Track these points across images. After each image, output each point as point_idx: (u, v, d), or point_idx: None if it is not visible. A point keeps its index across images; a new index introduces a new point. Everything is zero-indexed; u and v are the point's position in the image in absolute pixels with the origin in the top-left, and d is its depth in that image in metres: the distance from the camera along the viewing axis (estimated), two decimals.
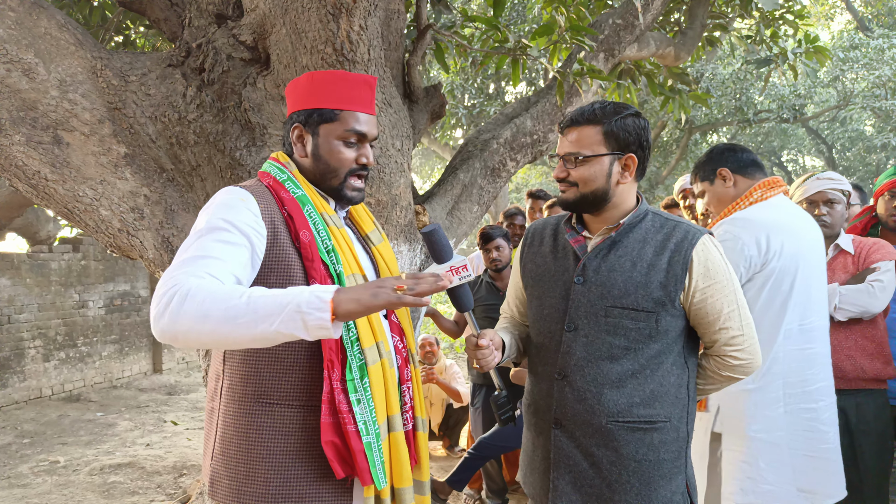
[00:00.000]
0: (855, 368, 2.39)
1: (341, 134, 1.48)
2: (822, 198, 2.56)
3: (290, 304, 1.15)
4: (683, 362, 1.63)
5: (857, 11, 15.52)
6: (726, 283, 1.58)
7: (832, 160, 17.81)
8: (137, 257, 2.81)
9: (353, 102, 1.49)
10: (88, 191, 2.64)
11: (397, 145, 2.81)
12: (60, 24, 2.64)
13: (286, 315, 1.15)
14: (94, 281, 7.52)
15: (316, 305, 1.15)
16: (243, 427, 1.40)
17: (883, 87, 12.09)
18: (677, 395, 1.61)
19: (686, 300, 1.58)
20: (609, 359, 1.57)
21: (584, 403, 1.58)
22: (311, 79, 1.50)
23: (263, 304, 1.16)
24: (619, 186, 1.62)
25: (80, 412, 6.42)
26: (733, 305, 1.59)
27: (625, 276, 1.57)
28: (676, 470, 1.61)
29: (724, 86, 12.46)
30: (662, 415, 1.58)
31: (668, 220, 1.64)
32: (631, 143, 1.60)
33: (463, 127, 11.58)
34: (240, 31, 2.67)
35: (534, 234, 1.82)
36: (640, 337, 1.56)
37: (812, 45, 4.76)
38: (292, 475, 1.39)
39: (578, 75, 3.35)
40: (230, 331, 1.17)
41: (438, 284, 1.22)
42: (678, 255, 1.56)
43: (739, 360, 1.62)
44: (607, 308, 1.57)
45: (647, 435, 1.57)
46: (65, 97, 2.59)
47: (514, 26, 8.81)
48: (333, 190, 1.52)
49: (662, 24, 5.07)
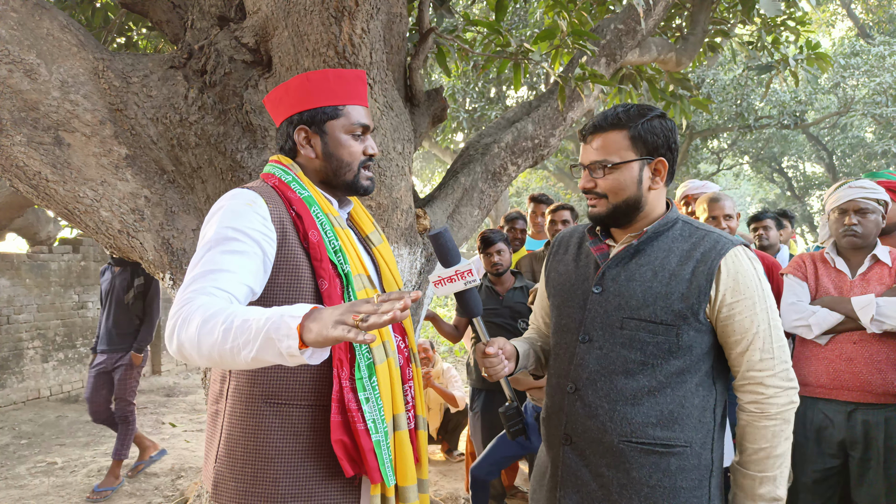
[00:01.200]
0: (884, 382, 2.33)
1: (348, 128, 1.51)
2: (854, 206, 2.48)
3: (262, 331, 1.10)
4: (711, 383, 1.50)
5: (858, 18, 15.55)
6: (757, 301, 1.44)
7: (833, 167, 17.81)
8: (138, 258, 2.80)
9: (351, 97, 1.52)
10: (89, 192, 2.64)
11: (398, 148, 2.81)
12: (62, 26, 2.64)
13: (261, 343, 1.10)
14: (93, 282, 7.51)
15: (284, 332, 1.09)
16: (251, 428, 1.40)
17: (884, 94, 12.10)
18: (701, 418, 1.47)
19: (712, 314, 1.46)
20: (624, 374, 1.47)
21: (595, 420, 1.49)
22: (307, 79, 1.51)
23: (243, 330, 1.12)
24: (651, 192, 1.52)
25: (78, 413, 6.40)
26: (763, 325, 1.44)
27: (644, 286, 1.48)
28: (695, 501, 1.47)
29: (725, 91, 12.48)
30: (682, 439, 1.45)
31: (698, 228, 1.53)
32: (660, 146, 1.50)
33: (464, 131, 11.59)
34: (242, 34, 2.67)
35: (560, 243, 1.74)
36: (659, 352, 1.45)
37: (813, 51, 4.77)
38: (302, 474, 1.39)
39: (580, 80, 3.35)
40: (221, 359, 1.15)
41: (391, 314, 1.07)
42: (703, 266, 1.45)
43: (771, 387, 1.43)
44: (623, 319, 1.48)
45: (663, 459, 1.45)
46: (66, 98, 2.59)
47: (516, 30, 8.82)
48: (348, 184, 1.53)
49: (664, 30, 5.08)
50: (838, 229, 2.53)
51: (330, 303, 1.39)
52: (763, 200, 23.66)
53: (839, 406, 2.41)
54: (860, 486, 2.37)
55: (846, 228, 2.48)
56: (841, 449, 2.43)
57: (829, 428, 2.43)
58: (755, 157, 19.01)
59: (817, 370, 2.46)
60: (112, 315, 4.40)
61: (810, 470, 2.47)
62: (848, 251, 2.54)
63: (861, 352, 2.36)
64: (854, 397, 2.37)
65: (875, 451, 2.33)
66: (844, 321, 2.39)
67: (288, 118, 1.53)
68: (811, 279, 2.57)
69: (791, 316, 2.52)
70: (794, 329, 2.52)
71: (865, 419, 2.35)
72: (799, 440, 2.53)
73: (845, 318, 2.39)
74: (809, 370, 2.50)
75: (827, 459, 2.45)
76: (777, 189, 22.35)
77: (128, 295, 4.40)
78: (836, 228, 2.54)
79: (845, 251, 2.55)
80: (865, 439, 2.35)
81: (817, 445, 2.47)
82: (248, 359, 1.12)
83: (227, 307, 1.18)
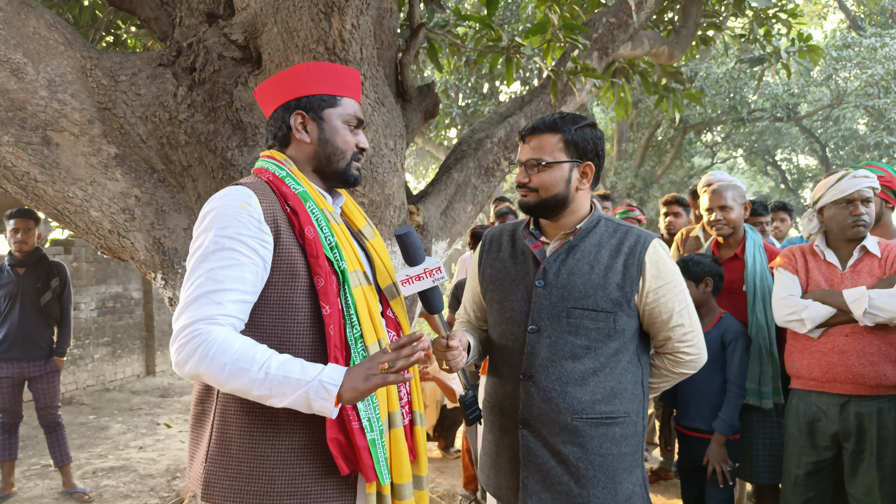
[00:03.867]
0: (877, 375, 2.32)
1: (345, 118, 1.54)
2: (861, 196, 2.40)
3: (300, 390, 1.27)
4: (637, 360, 1.73)
5: (849, 10, 15.57)
6: (676, 283, 1.69)
7: (826, 159, 17.87)
8: (129, 259, 2.78)
9: (348, 90, 1.56)
10: (78, 192, 2.62)
11: (390, 145, 2.80)
12: (49, 24, 2.62)
13: (296, 398, 1.28)
14: (85, 283, 7.47)
15: (322, 395, 1.28)
16: (246, 425, 1.39)
17: (876, 86, 12.13)
18: (634, 391, 1.71)
19: (640, 301, 1.68)
20: (571, 358, 1.65)
21: (549, 402, 1.66)
22: (307, 68, 1.52)
23: (278, 383, 1.28)
24: (578, 192, 1.71)
25: (72, 415, 6.37)
26: (683, 304, 1.70)
27: (584, 278, 1.66)
28: (636, 463, 1.71)
29: (717, 85, 12.49)
30: (622, 410, 1.67)
31: (619, 225, 1.74)
32: (589, 151, 1.70)
33: (457, 126, 11.57)
34: (231, 30, 2.65)
35: (491, 241, 1.89)
36: (600, 336, 1.65)
37: (805, 43, 4.77)
38: (297, 472, 1.38)
39: (572, 74, 3.33)
40: (245, 394, 1.30)
41: (415, 356, 1.31)
42: (632, 258, 1.66)
43: (691, 355, 1.73)
44: (569, 309, 1.66)
45: (610, 430, 1.66)
46: (54, 97, 2.56)
47: (508, 25, 8.80)
48: (339, 172, 1.55)
49: (656, 23, 5.07)
50: (845, 220, 2.43)
51: (326, 300, 1.39)
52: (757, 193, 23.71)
53: (832, 398, 2.41)
54: (854, 477, 2.38)
55: (856, 218, 2.40)
56: (834, 441, 2.43)
57: (822, 420, 2.43)
58: (749, 150, 19.06)
59: (810, 363, 2.45)
60: (21, 319, 4.09)
61: (804, 462, 2.47)
62: (839, 243, 2.51)
63: (853, 344, 2.36)
64: (847, 389, 2.37)
65: (868, 443, 2.33)
66: (837, 314, 2.38)
67: (284, 104, 1.53)
68: (802, 272, 2.55)
69: (783, 310, 2.49)
70: (786, 324, 2.50)
71: (858, 411, 2.35)
72: (792, 432, 2.53)
73: (837, 311, 2.38)
74: (802, 363, 2.49)
75: (820, 452, 2.45)
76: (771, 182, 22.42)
77: (44, 296, 4.15)
78: (841, 219, 2.44)
79: (836, 243, 2.51)
80: (859, 431, 2.36)
81: (810, 438, 2.47)
82: (278, 405, 1.30)
83: (253, 350, 1.30)
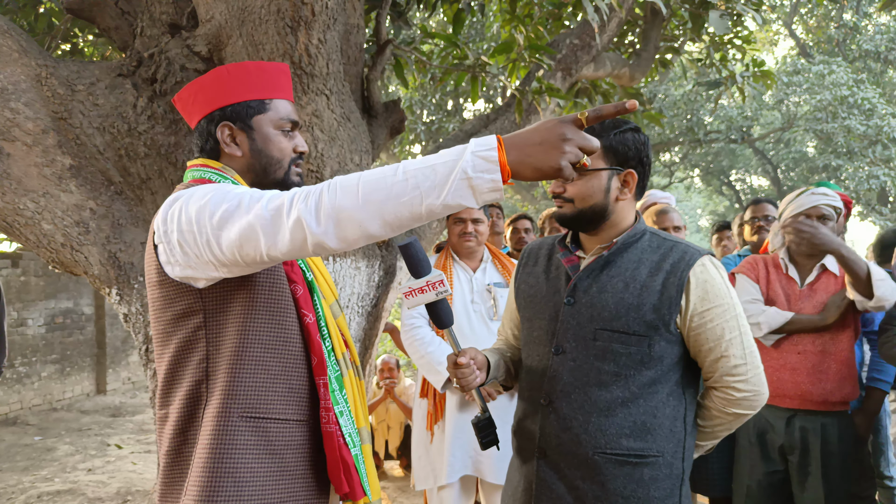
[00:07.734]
0: (823, 392, 2.38)
1: (277, 123, 1.39)
2: (817, 213, 2.48)
3: (455, 171, 1.05)
4: (681, 393, 1.52)
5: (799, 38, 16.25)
6: (727, 308, 1.48)
7: (777, 180, 18.49)
8: (82, 273, 2.68)
9: (277, 90, 1.41)
10: (30, 203, 2.52)
11: (356, 160, 2.78)
12: (3, 30, 2.53)
13: (454, 183, 1.05)
14: (34, 298, 7.19)
15: (483, 168, 1.05)
16: (229, 445, 1.28)
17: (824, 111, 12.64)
18: (672, 428, 1.50)
19: (683, 324, 1.48)
20: (598, 385, 1.48)
21: (569, 432, 1.49)
22: (227, 72, 1.38)
23: (424, 177, 1.06)
24: (618, 203, 1.53)
25: (16, 436, 6.09)
26: (735, 332, 1.48)
27: (616, 297, 1.49)
28: None
29: (676, 106, 12.86)
30: (654, 448, 1.48)
31: (666, 240, 1.56)
32: (630, 158, 1.52)
33: (422, 143, 11.60)
34: (194, 42, 2.60)
35: (529, 254, 1.74)
36: (632, 363, 1.47)
37: (759, 68, 4.94)
38: (286, 492, 1.32)
39: (537, 93, 3.38)
40: (393, 211, 1.08)
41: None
42: (673, 277, 1.47)
43: (743, 392, 1.49)
44: (596, 331, 1.49)
45: (637, 469, 1.47)
46: (6, 106, 2.47)
47: (474, 44, 8.90)
48: (279, 182, 1.41)
49: (618, 45, 5.19)
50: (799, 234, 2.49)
51: (308, 308, 1.33)
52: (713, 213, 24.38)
53: (779, 412, 2.47)
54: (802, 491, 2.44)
55: None
56: (781, 454, 2.49)
57: (769, 433, 2.50)
58: (705, 171, 19.59)
59: None
60: None
61: (757, 473, 2.52)
62: (802, 258, 2.58)
63: (804, 362, 2.42)
64: (793, 404, 2.44)
65: (813, 458, 2.40)
66: (792, 321, 2.44)
67: (208, 115, 1.39)
68: (762, 282, 2.60)
69: None
70: None
71: (803, 425, 2.42)
72: (743, 444, 2.58)
73: (792, 319, 2.44)
74: None
75: (770, 463, 2.51)
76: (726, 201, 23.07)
77: None
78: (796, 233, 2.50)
79: (799, 258, 2.59)
80: (803, 445, 2.42)
81: (761, 449, 2.52)
82: (434, 204, 1.07)
83: (373, 169, 1.12)
